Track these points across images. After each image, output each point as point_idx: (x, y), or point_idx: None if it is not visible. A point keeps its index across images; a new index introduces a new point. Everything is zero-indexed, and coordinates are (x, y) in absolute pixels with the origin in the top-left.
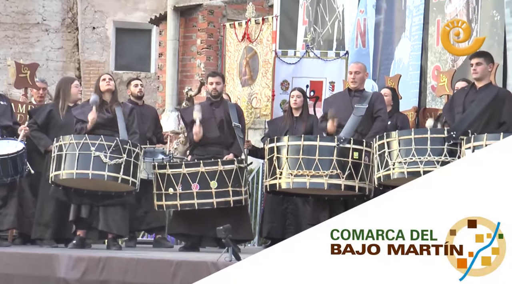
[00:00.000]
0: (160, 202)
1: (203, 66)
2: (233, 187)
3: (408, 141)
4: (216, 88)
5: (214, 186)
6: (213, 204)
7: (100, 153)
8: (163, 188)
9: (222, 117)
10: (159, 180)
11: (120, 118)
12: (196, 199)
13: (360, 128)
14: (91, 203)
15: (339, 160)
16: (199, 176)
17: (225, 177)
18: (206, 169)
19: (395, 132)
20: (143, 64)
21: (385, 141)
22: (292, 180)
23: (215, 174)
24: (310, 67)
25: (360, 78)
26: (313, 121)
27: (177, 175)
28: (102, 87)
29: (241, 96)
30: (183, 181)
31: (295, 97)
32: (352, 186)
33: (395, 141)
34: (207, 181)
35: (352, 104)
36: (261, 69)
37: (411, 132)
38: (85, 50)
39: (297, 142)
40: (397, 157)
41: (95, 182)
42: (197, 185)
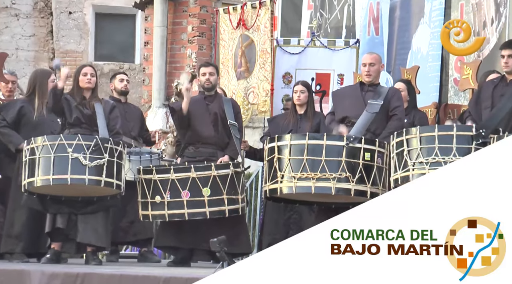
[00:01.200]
0: (146, 212)
1: (195, 56)
2: (228, 195)
3: (430, 139)
4: (209, 79)
5: (207, 194)
6: (205, 214)
7: (79, 154)
8: (149, 196)
9: (216, 114)
10: (145, 187)
11: (100, 114)
12: (187, 209)
13: (373, 127)
14: (70, 211)
15: (349, 162)
16: (189, 183)
17: (219, 184)
18: (198, 174)
19: (416, 128)
20: (126, 54)
21: (404, 138)
22: (295, 184)
23: (207, 180)
24: (316, 57)
25: (375, 71)
26: (319, 119)
27: (165, 182)
28: (81, 82)
29: (236, 90)
30: (171, 188)
31: (299, 92)
32: (363, 191)
33: (416, 138)
34: (198, 188)
35: (365, 99)
36: (258, 60)
37: (434, 129)
38: (60, 38)
39: (301, 141)
40: (417, 157)
41: (75, 187)
42: (187, 193)
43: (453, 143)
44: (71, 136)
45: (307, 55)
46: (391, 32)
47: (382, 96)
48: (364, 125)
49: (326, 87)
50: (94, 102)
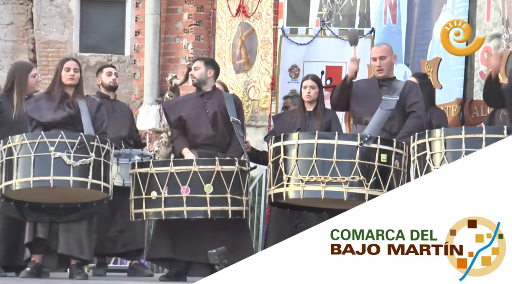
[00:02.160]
0: (139, 210)
1: (192, 47)
2: (232, 194)
3: (456, 142)
4: (193, 74)
5: (209, 191)
6: (206, 213)
7: (62, 153)
8: (144, 192)
9: (216, 112)
10: (139, 181)
11: (84, 112)
12: (186, 206)
13: (389, 125)
14: (51, 220)
15: (363, 164)
16: (190, 177)
17: (223, 181)
18: (200, 168)
19: (440, 130)
20: (115, 45)
21: (427, 141)
22: (303, 188)
23: (210, 176)
24: (326, 48)
25: (387, 64)
26: (330, 117)
27: (163, 175)
28: (64, 78)
29: (234, 84)
30: (170, 183)
31: (309, 88)
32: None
33: (440, 141)
34: (200, 183)
35: (380, 95)
36: (260, 51)
37: (461, 131)
38: (41, 27)
39: (309, 140)
40: (442, 162)
41: (58, 191)
42: (187, 188)
43: (482, 147)
44: (53, 133)
45: (316, 46)
46: (410, 20)
47: (398, 91)
48: (379, 123)
49: (338, 81)
50: (78, 99)
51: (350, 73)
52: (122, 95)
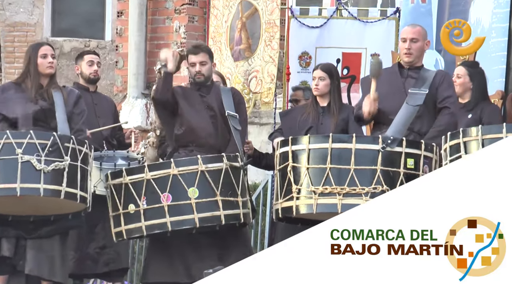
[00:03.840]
0: (118, 228)
1: (184, 30)
2: (223, 196)
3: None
4: (201, 70)
5: (194, 195)
6: (194, 221)
7: (31, 156)
8: (121, 207)
9: (214, 108)
10: (115, 195)
11: (59, 106)
12: (169, 216)
13: (418, 125)
14: (18, 235)
15: (386, 171)
16: (170, 182)
17: (210, 182)
18: (180, 170)
19: (476, 129)
20: (93, 28)
21: (461, 141)
22: (316, 201)
23: (194, 178)
24: (342, 32)
25: (418, 49)
26: (347, 113)
27: (139, 184)
28: (41, 67)
29: (233, 74)
30: (148, 192)
31: (317, 79)
32: None
33: (477, 141)
34: (182, 188)
35: (406, 87)
36: (264, 35)
37: (501, 128)
38: (6, 7)
39: (322, 144)
40: None
41: (26, 201)
42: (168, 196)
43: None
44: (21, 133)
45: (330, 29)
46: None
47: (427, 82)
48: (405, 122)
49: (356, 71)
50: (52, 90)
51: (365, 115)
52: (102, 87)
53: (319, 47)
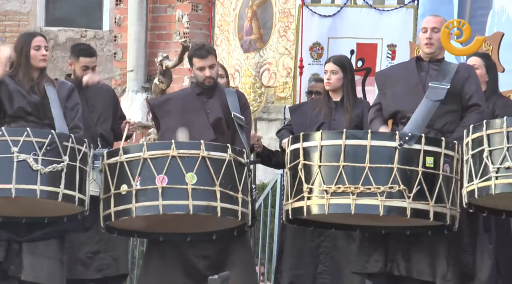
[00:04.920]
0: (107, 211)
1: (187, 20)
2: (222, 187)
3: None
4: (211, 75)
5: (192, 181)
6: (187, 207)
7: (27, 155)
8: (113, 187)
9: (219, 112)
10: (108, 176)
11: (54, 101)
12: (162, 199)
13: (441, 122)
14: (10, 238)
15: (403, 170)
16: (168, 164)
17: (211, 170)
18: (181, 153)
19: (501, 120)
20: (90, 17)
21: (485, 134)
22: (328, 201)
23: (194, 163)
24: (357, 21)
25: (440, 40)
26: (362, 108)
27: (135, 163)
28: (34, 59)
29: (242, 66)
30: (143, 172)
31: (329, 72)
32: (423, 211)
33: (501, 134)
34: (180, 172)
35: (425, 81)
36: (277, 25)
37: None
38: None
39: (335, 141)
40: (503, 160)
41: (21, 202)
42: (164, 178)
43: None
44: (17, 130)
45: (344, 18)
46: None
47: (449, 76)
48: (424, 117)
49: (371, 63)
50: (44, 83)
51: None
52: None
53: (331, 38)
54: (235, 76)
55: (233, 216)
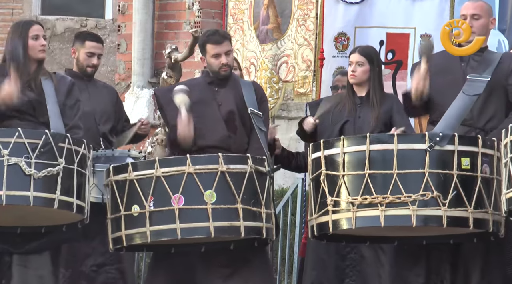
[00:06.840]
0: (117, 234)
1: (198, 7)
2: (245, 204)
3: None
4: (227, 62)
5: (211, 200)
6: (209, 230)
7: (19, 158)
8: (122, 208)
9: (231, 105)
10: (116, 194)
11: (51, 98)
12: (180, 222)
13: (483, 120)
14: (3, 249)
15: (436, 175)
16: (184, 182)
17: (231, 186)
18: (198, 169)
19: None
20: (91, 5)
21: None
22: (355, 214)
23: (212, 179)
24: (387, 9)
25: (480, 27)
26: (391, 105)
27: (147, 182)
28: (33, 50)
29: (258, 58)
30: (156, 192)
31: (354, 64)
32: (462, 219)
33: None
34: (198, 190)
35: (465, 73)
36: (296, 13)
37: None
38: None
39: (359, 147)
40: None
41: (13, 210)
42: (180, 198)
43: None
44: (7, 130)
45: (373, 5)
46: None
47: (490, 67)
48: (458, 115)
49: (403, 55)
50: (41, 77)
51: (413, 96)
52: (102, 74)
53: (358, 27)
54: (251, 69)
55: (257, 234)
